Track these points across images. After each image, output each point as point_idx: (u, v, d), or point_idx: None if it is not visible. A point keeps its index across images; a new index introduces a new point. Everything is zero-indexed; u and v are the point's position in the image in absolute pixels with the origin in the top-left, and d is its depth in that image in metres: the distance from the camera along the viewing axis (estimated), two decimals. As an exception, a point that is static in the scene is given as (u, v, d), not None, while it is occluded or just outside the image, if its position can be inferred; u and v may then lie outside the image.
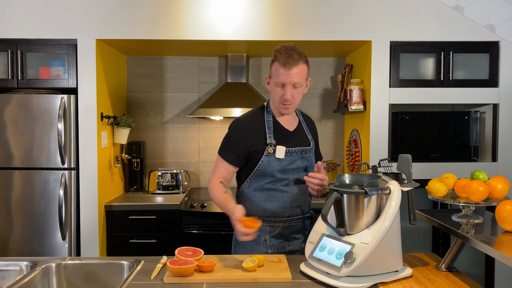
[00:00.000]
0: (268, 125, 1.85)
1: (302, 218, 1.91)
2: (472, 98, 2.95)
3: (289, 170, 1.84)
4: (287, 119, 1.90)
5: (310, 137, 1.94)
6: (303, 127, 1.95)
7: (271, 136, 1.83)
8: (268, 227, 1.85)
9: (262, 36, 2.90)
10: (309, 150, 1.90)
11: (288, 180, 1.85)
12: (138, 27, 2.87)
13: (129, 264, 1.69)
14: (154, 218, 2.98)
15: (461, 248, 1.62)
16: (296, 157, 1.85)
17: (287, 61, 1.72)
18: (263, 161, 1.82)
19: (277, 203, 1.85)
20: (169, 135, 3.66)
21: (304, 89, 1.81)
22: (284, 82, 1.74)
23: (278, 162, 1.82)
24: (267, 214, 1.85)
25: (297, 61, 1.72)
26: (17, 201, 2.85)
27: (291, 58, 1.72)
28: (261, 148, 1.82)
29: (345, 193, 1.47)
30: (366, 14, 2.90)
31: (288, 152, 1.83)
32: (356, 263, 1.38)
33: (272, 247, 1.85)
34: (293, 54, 1.72)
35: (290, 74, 1.72)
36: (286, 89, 1.75)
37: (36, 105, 2.83)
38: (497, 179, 1.61)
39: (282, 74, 1.73)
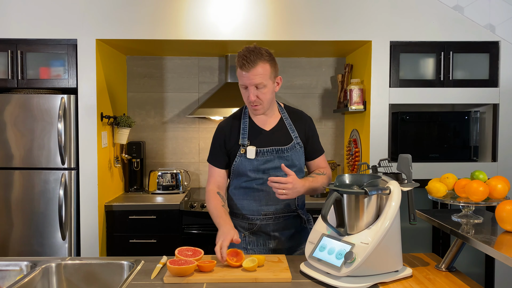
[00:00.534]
0: (243, 126, 1.89)
1: (284, 217, 1.89)
2: (472, 98, 2.95)
3: (263, 169, 1.84)
4: (263, 119, 1.89)
5: (294, 134, 1.90)
6: (285, 125, 1.91)
7: (244, 137, 1.86)
8: (247, 224, 1.89)
9: (262, 36, 2.89)
10: (287, 149, 1.86)
11: (263, 179, 1.84)
12: (138, 27, 2.87)
13: (129, 264, 1.69)
14: (154, 218, 2.99)
15: (461, 248, 1.62)
16: (271, 157, 1.84)
17: (243, 63, 1.72)
18: (236, 162, 1.87)
19: (253, 201, 1.87)
20: (169, 135, 3.66)
21: (271, 88, 1.79)
22: (245, 84, 1.75)
23: (250, 162, 1.84)
24: (245, 212, 1.90)
25: (254, 62, 1.71)
26: (17, 201, 2.85)
27: (247, 60, 1.71)
28: (236, 149, 1.87)
29: (345, 193, 1.47)
30: (366, 14, 2.90)
31: (260, 152, 1.83)
32: (356, 263, 1.38)
33: (251, 243, 1.89)
34: (250, 55, 1.71)
35: (249, 76, 1.72)
36: (249, 91, 1.75)
37: (36, 105, 2.83)
38: (497, 179, 1.61)
39: (242, 77, 1.75)
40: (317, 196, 3.17)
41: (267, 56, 1.75)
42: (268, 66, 1.75)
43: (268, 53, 1.77)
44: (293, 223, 1.92)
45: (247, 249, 1.87)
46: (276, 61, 1.82)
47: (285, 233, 1.90)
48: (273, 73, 1.78)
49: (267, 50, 1.78)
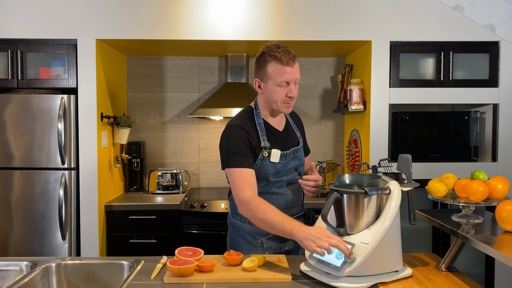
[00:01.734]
0: (260, 128, 1.79)
1: (296, 218, 1.87)
2: (472, 98, 2.95)
3: (282, 172, 1.81)
4: (276, 120, 1.85)
5: (298, 134, 1.92)
6: (291, 125, 1.92)
7: (265, 139, 1.77)
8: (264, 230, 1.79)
9: (262, 36, 2.89)
10: (300, 149, 1.87)
11: (281, 182, 1.81)
12: (138, 27, 2.87)
13: (129, 264, 1.69)
14: (154, 218, 2.99)
15: (461, 248, 1.62)
16: (290, 159, 1.82)
17: (289, 58, 1.68)
18: (257, 165, 1.76)
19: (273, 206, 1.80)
20: (169, 135, 3.66)
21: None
22: (289, 80, 1.69)
23: (273, 165, 1.77)
24: None
25: (294, 57, 1.71)
26: (17, 201, 2.85)
27: (291, 55, 1.69)
28: (258, 152, 1.76)
29: (345, 193, 1.47)
30: (366, 14, 2.90)
31: (283, 155, 1.79)
32: (356, 263, 1.38)
33: (269, 249, 1.83)
34: (290, 52, 1.70)
35: (293, 71, 1.69)
36: (291, 87, 1.70)
37: (36, 105, 2.83)
38: (497, 179, 1.61)
39: (286, 73, 1.68)
40: (317, 196, 3.15)
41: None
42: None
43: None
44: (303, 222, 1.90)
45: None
46: None
47: None
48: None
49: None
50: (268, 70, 1.71)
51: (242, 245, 1.85)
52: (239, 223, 1.86)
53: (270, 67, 1.70)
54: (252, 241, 1.82)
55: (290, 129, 1.90)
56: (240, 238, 1.86)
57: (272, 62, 1.69)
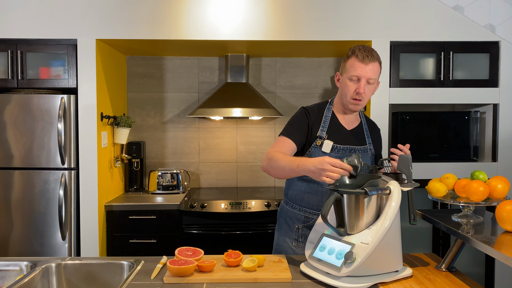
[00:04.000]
0: (325, 119, 1.89)
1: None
2: (472, 98, 2.95)
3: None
4: (347, 119, 1.92)
5: (369, 140, 1.94)
6: (363, 129, 1.96)
7: (324, 130, 1.87)
8: (303, 216, 1.90)
9: (262, 36, 2.90)
10: (360, 150, 1.89)
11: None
12: (138, 27, 2.87)
13: (129, 264, 1.69)
14: (154, 218, 2.99)
15: (461, 248, 1.62)
16: (344, 155, 1.85)
17: (366, 56, 1.77)
18: (310, 152, 1.86)
19: (315, 196, 1.87)
20: (169, 135, 3.66)
21: (374, 88, 1.84)
22: (360, 76, 1.77)
23: (323, 155, 1.82)
24: (304, 204, 1.90)
25: (375, 58, 1.79)
26: (17, 201, 2.85)
27: (370, 54, 1.78)
28: (313, 139, 1.86)
29: (345, 193, 1.47)
30: (366, 14, 2.90)
31: (336, 148, 1.84)
32: (356, 263, 1.38)
33: (303, 236, 1.89)
34: (372, 52, 1.80)
35: (366, 68, 1.77)
36: (361, 83, 1.78)
37: (36, 105, 2.83)
38: (497, 179, 1.61)
39: (359, 68, 1.77)
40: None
41: (379, 58, 1.82)
42: (380, 68, 1.83)
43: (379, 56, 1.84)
44: None
45: (298, 241, 1.90)
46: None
47: None
48: (380, 75, 1.85)
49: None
50: (346, 64, 1.83)
51: (282, 227, 1.97)
52: (284, 205, 2.00)
53: (348, 61, 1.82)
54: (291, 225, 1.93)
55: (359, 132, 1.94)
56: (283, 220, 1.98)
57: (351, 58, 1.81)
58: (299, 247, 1.90)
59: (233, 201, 3.00)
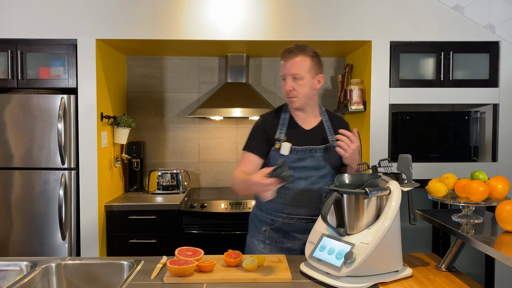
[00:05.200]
0: (282, 122, 1.90)
1: (306, 219, 1.87)
2: (472, 98, 2.95)
3: (294, 167, 1.82)
4: (304, 118, 1.91)
5: (332, 138, 1.91)
6: (324, 127, 1.93)
7: (282, 132, 1.87)
8: (269, 219, 1.90)
9: (262, 36, 2.90)
10: (322, 149, 1.86)
11: (292, 177, 1.82)
12: (138, 27, 2.87)
13: (129, 264, 1.69)
14: (154, 218, 2.98)
15: (461, 248, 1.62)
16: (304, 156, 1.84)
17: (284, 54, 1.81)
18: (270, 155, 1.87)
19: (279, 198, 1.84)
20: (169, 135, 3.66)
21: (309, 83, 1.82)
22: (284, 74, 1.82)
23: (282, 158, 1.81)
24: (270, 207, 1.90)
25: (295, 53, 1.79)
26: (17, 201, 2.85)
27: (289, 51, 1.80)
28: (272, 143, 1.87)
29: (345, 193, 1.47)
30: (366, 14, 2.90)
31: (294, 150, 1.84)
32: (356, 263, 1.38)
33: (270, 239, 1.90)
34: (292, 48, 1.80)
35: (286, 65, 1.80)
36: (286, 81, 1.81)
37: (36, 105, 2.83)
38: (497, 179, 1.61)
39: (282, 67, 1.82)
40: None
41: (310, 52, 1.82)
42: (309, 60, 1.81)
43: (313, 51, 1.83)
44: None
45: (265, 243, 1.90)
46: (321, 61, 1.88)
47: (305, 236, 1.85)
48: (313, 68, 1.82)
49: (313, 49, 1.84)
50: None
51: (252, 229, 1.99)
52: (255, 208, 2.01)
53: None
54: (259, 227, 1.95)
55: (319, 130, 1.92)
56: (252, 222, 2.00)
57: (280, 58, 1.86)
58: (266, 249, 1.90)
59: (233, 201, 3.00)
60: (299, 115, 1.91)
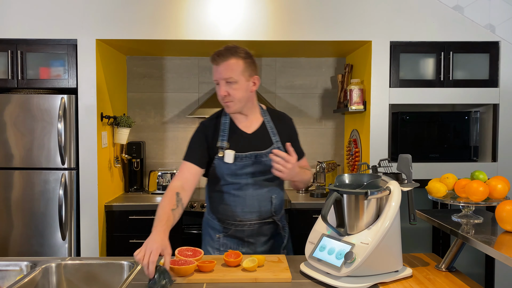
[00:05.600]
0: (223, 128, 1.82)
1: (258, 224, 1.84)
2: (472, 98, 2.95)
3: (240, 174, 1.79)
4: (245, 122, 1.84)
5: (276, 138, 1.84)
6: (266, 128, 1.85)
7: (224, 139, 1.80)
8: (222, 227, 1.86)
9: (262, 36, 2.89)
10: (266, 153, 1.78)
11: (240, 184, 1.79)
12: (138, 27, 2.87)
13: (129, 264, 1.69)
14: (154, 218, 2.98)
15: (461, 248, 1.62)
16: (249, 162, 1.78)
17: (214, 58, 1.73)
18: (214, 164, 1.81)
19: (228, 206, 1.82)
20: (169, 135, 3.66)
21: (244, 86, 1.74)
22: (217, 79, 1.74)
23: (227, 166, 1.77)
24: (220, 215, 1.86)
25: (225, 56, 1.71)
26: (17, 201, 2.85)
27: (219, 54, 1.72)
28: (214, 151, 1.80)
29: (345, 193, 1.47)
30: (366, 14, 2.90)
31: (238, 157, 1.77)
32: (356, 263, 1.38)
33: (224, 246, 1.86)
34: (223, 51, 1.72)
35: (218, 69, 1.72)
36: (220, 86, 1.73)
37: (36, 105, 2.83)
38: (497, 179, 1.61)
39: (214, 71, 1.74)
40: (317, 196, 3.17)
41: (242, 53, 1.74)
42: (242, 63, 1.73)
43: (245, 52, 1.75)
44: (268, 229, 1.88)
45: (219, 250, 1.86)
46: (255, 61, 1.80)
47: (260, 239, 1.87)
48: (246, 71, 1.74)
49: (246, 50, 1.76)
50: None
51: (205, 237, 1.94)
52: (207, 215, 1.95)
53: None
54: (212, 235, 1.89)
55: (262, 133, 1.84)
56: (205, 230, 1.94)
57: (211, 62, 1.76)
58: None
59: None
60: (239, 118, 1.83)
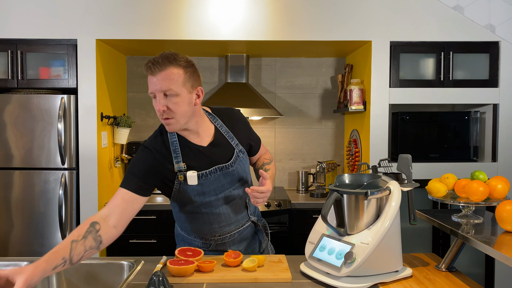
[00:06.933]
0: (173, 148, 1.59)
1: (238, 231, 1.75)
2: (472, 98, 2.95)
3: (208, 192, 1.63)
4: (195, 134, 1.61)
5: (234, 142, 1.68)
6: (222, 134, 1.67)
7: (179, 160, 1.58)
8: (201, 243, 1.74)
9: (262, 36, 2.90)
10: (231, 164, 1.65)
11: (210, 201, 1.64)
12: (138, 27, 2.87)
13: (129, 264, 1.69)
14: (154, 218, 2.98)
15: (461, 248, 1.62)
16: (215, 177, 1.61)
17: (149, 67, 1.48)
18: (176, 189, 1.62)
19: (203, 224, 1.68)
20: (169, 135, 3.65)
21: (186, 99, 1.51)
22: (153, 91, 1.49)
23: (192, 188, 1.60)
24: (196, 234, 1.72)
25: (163, 65, 1.47)
26: (17, 201, 2.85)
27: (154, 62, 1.48)
28: (171, 176, 1.59)
29: (345, 193, 1.47)
30: (366, 14, 2.90)
31: (203, 175, 1.59)
32: (356, 263, 1.38)
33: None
34: (159, 59, 1.48)
35: (154, 80, 1.47)
36: (157, 99, 1.49)
37: (36, 105, 2.83)
38: (497, 179, 1.61)
39: (150, 83, 1.49)
40: (317, 196, 3.17)
41: (182, 62, 1.51)
42: (182, 72, 1.50)
43: (186, 60, 1.53)
44: (248, 232, 1.80)
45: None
46: (197, 71, 1.57)
47: (242, 244, 1.80)
48: (188, 81, 1.52)
49: (186, 58, 1.54)
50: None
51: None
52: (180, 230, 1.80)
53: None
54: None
55: (218, 142, 1.65)
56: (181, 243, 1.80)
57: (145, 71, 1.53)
58: None
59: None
60: (187, 134, 1.60)
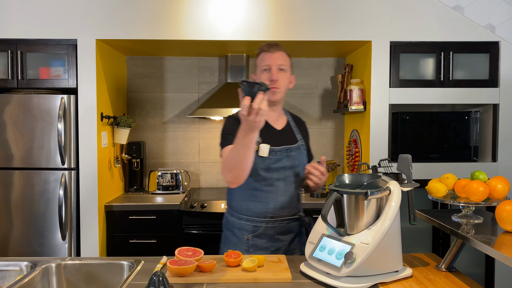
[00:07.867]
0: None
1: (287, 220, 1.87)
2: (472, 98, 2.95)
3: (273, 169, 1.82)
4: (274, 118, 1.90)
5: (299, 136, 1.94)
6: (291, 126, 1.95)
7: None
8: (251, 226, 1.84)
9: (262, 36, 2.89)
10: (295, 148, 1.88)
11: (272, 179, 1.82)
12: (138, 27, 2.87)
13: (129, 264, 1.69)
14: (154, 218, 2.98)
15: (461, 248, 1.62)
16: (281, 156, 1.83)
17: (270, 46, 1.85)
18: None
19: (260, 203, 1.82)
20: (169, 135, 3.66)
21: (288, 78, 1.85)
22: (270, 64, 1.82)
23: (262, 160, 1.79)
24: (250, 214, 1.84)
25: (279, 47, 1.85)
26: (17, 201, 2.85)
27: (272, 44, 1.86)
28: None
29: (345, 193, 1.47)
30: (366, 14, 2.90)
31: (273, 151, 1.81)
32: (356, 263, 1.38)
33: (254, 246, 1.84)
34: (275, 44, 1.86)
35: (273, 56, 1.82)
36: (272, 71, 1.81)
37: (36, 105, 2.83)
38: (497, 179, 1.61)
39: (267, 58, 1.83)
40: (317, 196, 3.16)
41: (285, 50, 1.88)
42: (288, 58, 1.87)
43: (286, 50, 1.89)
44: (295, 226, 1.91)
45: (249, 251, 1.85)
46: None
47: (288, 236, 1.88)
48: (291, 67, 1.89)
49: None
50: (257, 61, 1.90)
51: (230, 239, 1.90)
52: (230, 217, 1.91)
53: (259, 57, 1.89)
54: (240, 236, 1.86)
55: (288, 129, 1.93)
56: (230, 232, 1.91)
57: (260, 53, 1.88)
58: None
59: (233, 201, 3.00)
60: (269, 114, 1.88)
